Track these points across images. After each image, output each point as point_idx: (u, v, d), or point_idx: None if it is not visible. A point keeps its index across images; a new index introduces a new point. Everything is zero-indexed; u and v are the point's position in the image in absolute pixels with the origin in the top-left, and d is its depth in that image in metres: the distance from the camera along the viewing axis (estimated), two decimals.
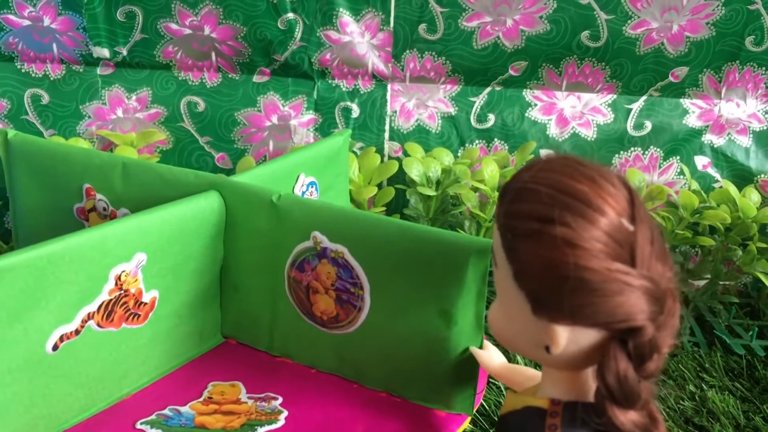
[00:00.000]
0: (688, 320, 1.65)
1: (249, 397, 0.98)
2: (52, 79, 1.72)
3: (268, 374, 1.04)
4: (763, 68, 1.71)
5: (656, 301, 0.58)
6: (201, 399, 0.97)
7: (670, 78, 1.74)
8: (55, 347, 0.86)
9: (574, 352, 0.61)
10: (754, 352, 1.57)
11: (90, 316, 0.89)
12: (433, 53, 1.73)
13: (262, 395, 0.99)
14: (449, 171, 1.58)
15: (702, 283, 1.72)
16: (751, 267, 1.51)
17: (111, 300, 0.91)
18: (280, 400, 0.98)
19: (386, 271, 0.94)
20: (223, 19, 1.66)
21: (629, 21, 1.67)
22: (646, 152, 1.79)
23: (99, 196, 1.18)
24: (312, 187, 1.31)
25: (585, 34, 1.68)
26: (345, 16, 1.68)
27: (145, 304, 0.96)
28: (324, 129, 1.78)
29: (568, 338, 0.60)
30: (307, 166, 1.29)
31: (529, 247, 0.58)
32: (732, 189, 1.61)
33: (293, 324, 1.05)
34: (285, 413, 0.94)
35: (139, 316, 0.97)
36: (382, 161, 1.74)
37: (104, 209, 1.18)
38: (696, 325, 1.67)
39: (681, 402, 1.40)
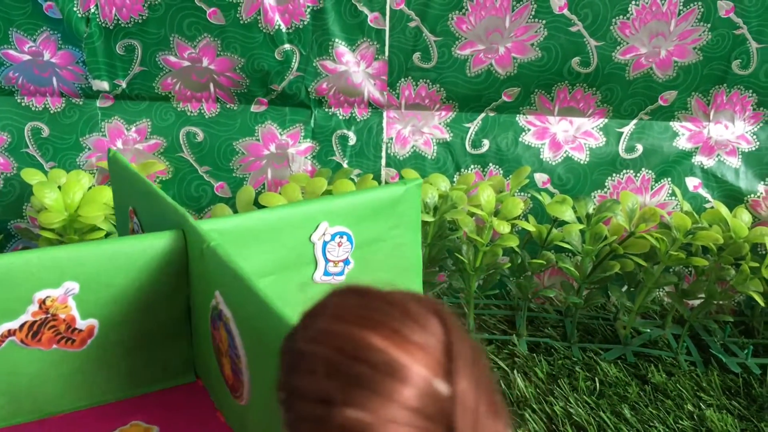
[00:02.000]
0: (684, 340, 1.67)
1: None
2: (52, 112, 1.74)
3: (191, 427, 1.03)
4: (750, 91, 1.76)
5: None
6: None
7: (660, 102, 1.78)
8: None
9: None
10: (750, 370, 1.59)
11: (11, 333, 0.94)
12: (428, 81, 1.76)
13: None
14: (446, 197, 1.61)
15: (697, 302, 1.74)
16: (744, 286, 1.54)
17: (36, 321, 0.95)
18: None
19: (254, 351, 0.86)
20: (221, 51, 1.69)
21: (618, 47, 1.70)
22: (638, 174, 1.82)
23: (135, 219, 1.21)
24: (341, 237, 1.21)
25: (576, 60, 1.72)
26: (341, 46, 1.72)
27: (81, 330, 0.99)
28: (321, 157, 1.81)
29: None
30: (335, 215, 1.19)
31: None
32: (723, 210, 1.64)
33: (218, 380, 1.02)
34: None
35: (74, 341, 0.99)
36: None
37: (137, 232, 1.22)
38: (692, 344, 1.69)
39: (680, 422, 1.42)
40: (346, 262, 1.22)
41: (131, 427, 1.01)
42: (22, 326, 0.95)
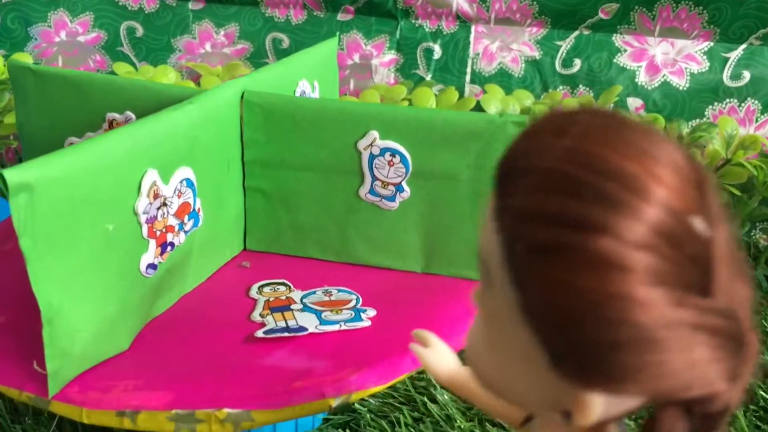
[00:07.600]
0: None
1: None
2: (146, 12, 1.79)
3: None
4: None
5: (737, 345, 0.39)
6: None
7: None
8: None
9: (600, 416, 0.41)
10: None
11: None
12: None
13: None
14: (528, 111, 1.54)
15: None
16: None
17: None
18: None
19: None
20: None
21: None
22: (743, 104, 1.69)
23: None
24: (393, 156, 1.05)
25: None
26: None
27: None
28: (405, 69, 1.78)
29: (603, 404, 0.40)
30: (389, 126, 1.04)
31: (555, 271, 0.36)
32: None
33: None
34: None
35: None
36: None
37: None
38: None
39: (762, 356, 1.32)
40: (398, 187, 1.07)
41: None
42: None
